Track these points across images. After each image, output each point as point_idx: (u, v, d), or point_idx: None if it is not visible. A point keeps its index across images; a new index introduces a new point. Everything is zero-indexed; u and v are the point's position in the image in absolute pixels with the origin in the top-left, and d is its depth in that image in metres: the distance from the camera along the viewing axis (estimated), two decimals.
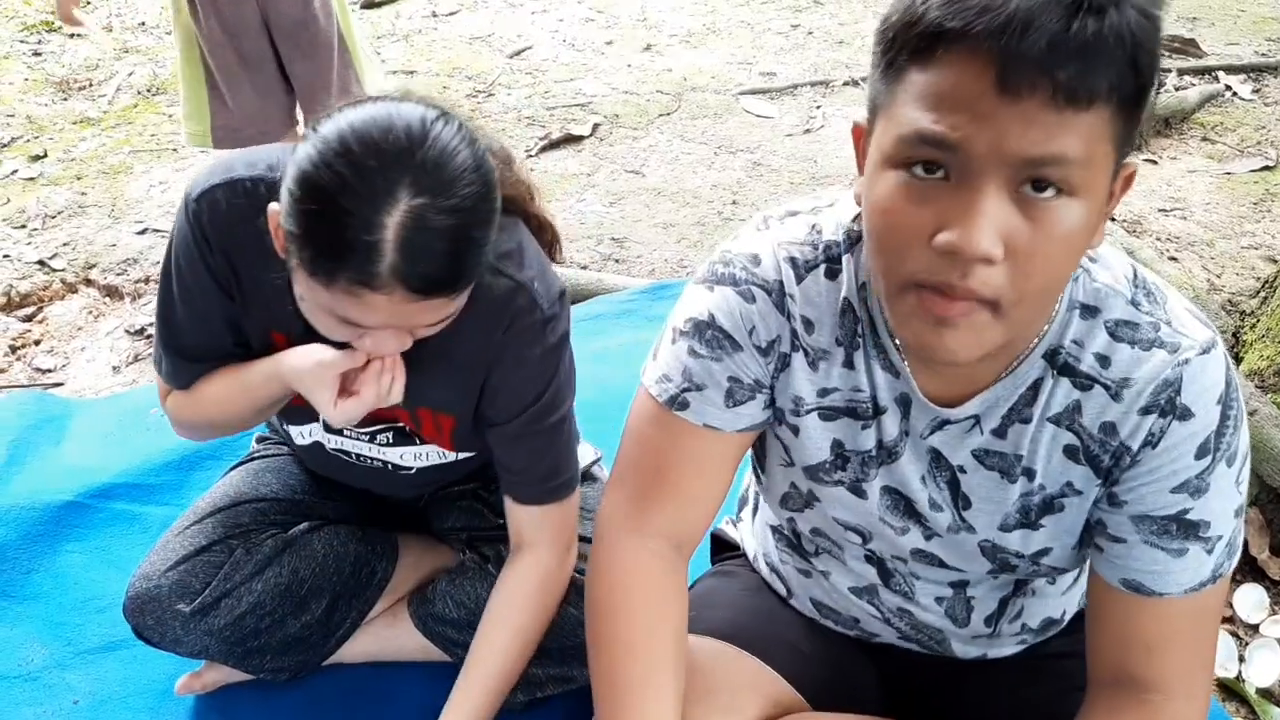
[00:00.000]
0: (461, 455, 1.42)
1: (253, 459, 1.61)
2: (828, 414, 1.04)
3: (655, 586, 1.06)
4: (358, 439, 1.40)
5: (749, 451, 1.14)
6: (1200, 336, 0.92)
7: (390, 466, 1.43)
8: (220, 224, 1.20)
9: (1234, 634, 1.73)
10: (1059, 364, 0.95)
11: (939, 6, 0.75)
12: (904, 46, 0.79)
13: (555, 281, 1.26)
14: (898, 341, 0.97)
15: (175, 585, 1.38)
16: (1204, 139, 3.39)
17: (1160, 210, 2.99)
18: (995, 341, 0.83)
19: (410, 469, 1.43)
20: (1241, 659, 1.68)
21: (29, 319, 2.54)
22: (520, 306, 1.22)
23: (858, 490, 1.06)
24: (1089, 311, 0.94)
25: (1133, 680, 0.97)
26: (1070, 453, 0.97)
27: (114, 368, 2.35)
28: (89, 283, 2.67)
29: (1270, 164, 3.22)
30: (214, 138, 2.44)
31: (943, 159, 0.78)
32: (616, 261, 2.78)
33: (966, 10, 0.74)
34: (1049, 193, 0.77)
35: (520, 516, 1.35)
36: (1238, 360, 2.09)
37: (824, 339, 1.01)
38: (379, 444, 1.40)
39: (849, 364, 1.01)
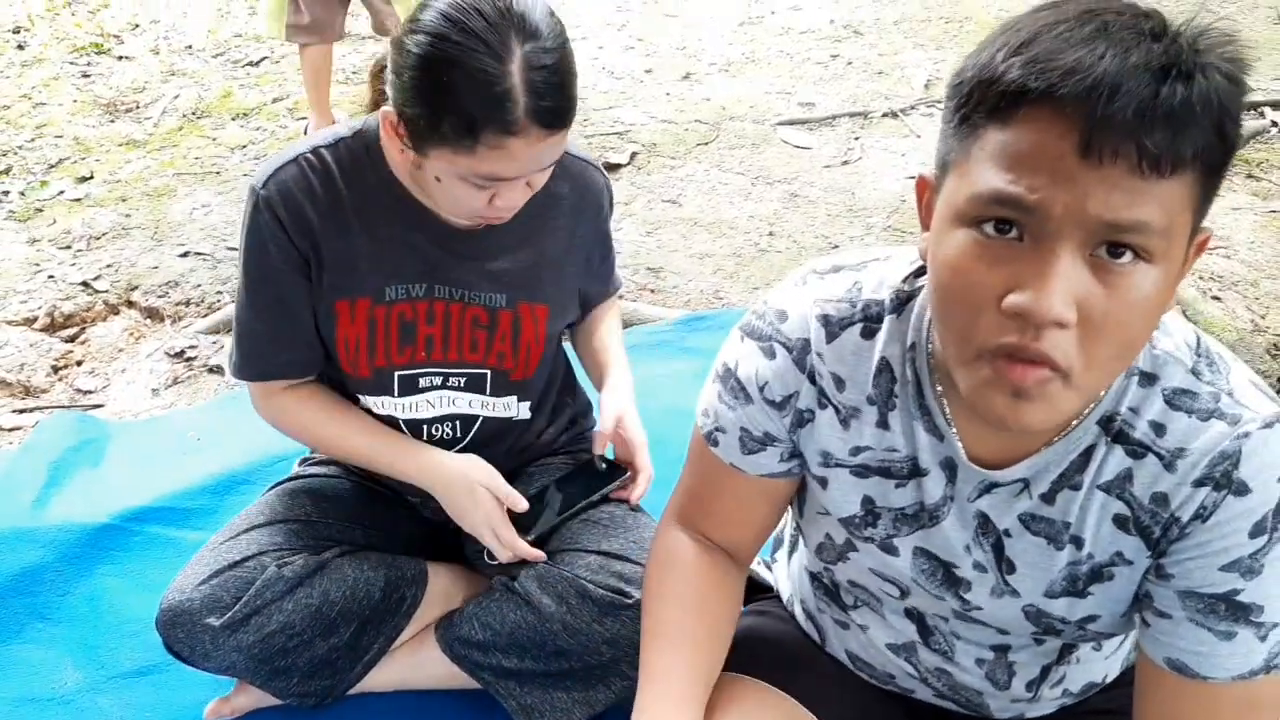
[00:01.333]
0: (522, 414, 1.55)
1: (293, 480, 1.62)
2: (859, 471, 1.03)
3: (700, 573, 1.14)
4: (433, 374, 1.48)
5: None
6: (1264, 410, 0.89)
7: (457, 427, 1.52)
8: (293, 200, 1.33)
9: None
10: (1113, 431, 0.92)
11: (1021, 66, 0.74)
12: (981, 103, 0.77)
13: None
14: (944, 403, 0.96)
15: (206, 599, 1.40)
16: (1249, 176, 3.34)
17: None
18: (1070, 411, 0.82)
19: (476, 418, 1.52)
20: None
21: (71, 339, 2.58)
22: (601, 188, 1.47)
23: (889, 548, 1.05)
24: (1147, 379, 0.91)
25: None
26: (1120, 522, 0.94)
27: (153, 390, 2.37)
28: (130, 304, 2.70)
29: None
30: (286, 34, 3.26)
31: (1018, 218, 0.76)
32: (652, 291, 2.78)
33: (1051, 71, 0.73)
34: (1125, 258, 0.75)
35: None
36: None
37: (855, 397, 1.00)
38: (452, 387, 1.49)
39: (883, 424, 1.00)
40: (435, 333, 1.43)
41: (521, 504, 1.45)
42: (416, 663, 1.56)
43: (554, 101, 1.17)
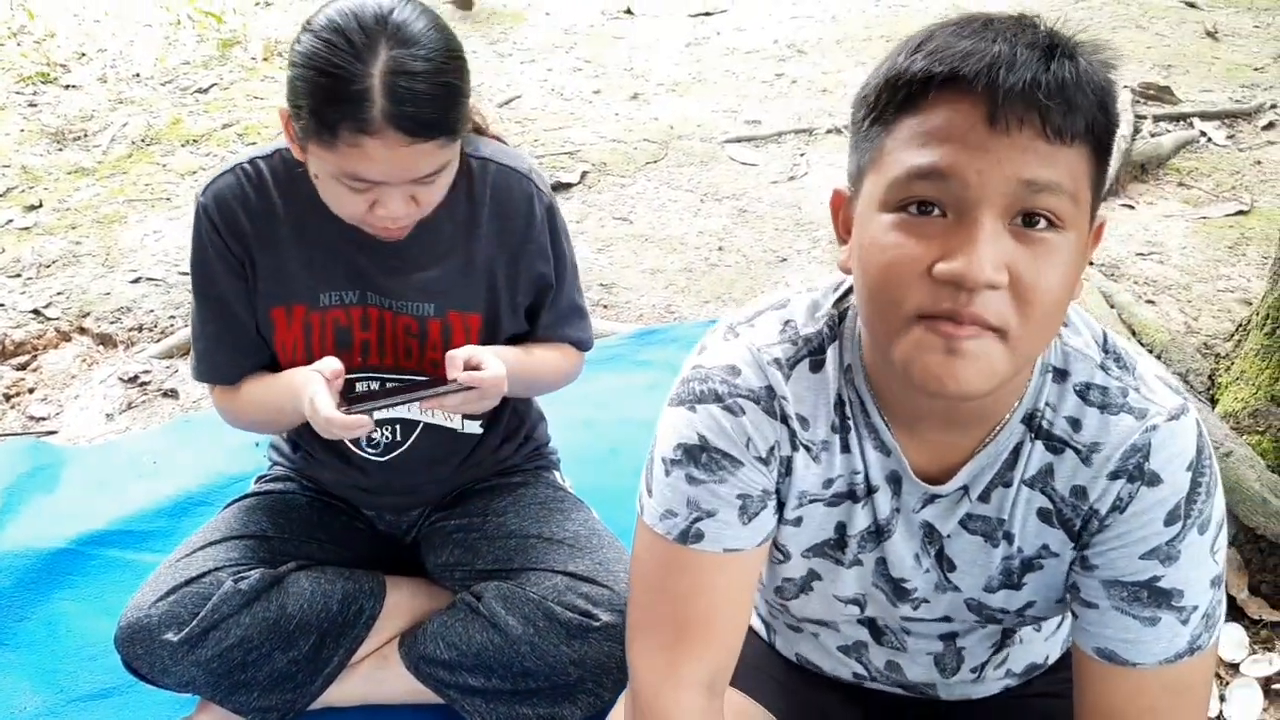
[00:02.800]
0: (469, 428, 1.54)
1: (249, 497, 1.64)
2: (832, 501, 1.03)
3: None
4: (370, 379, 1.48)
5: None
6: (1169, 404, 0.93)
7: (397, 431, 1.52)
8: (228, 209, 1.38)
9: (1215, 674, 1.75)
10: (1035, 427, 0.96)
11: (924, 58, 0.81)
12: (890, 101, 0.83)
13: (544, 173, 1.50)
14: (886, 420, 0.98)
15: (165, 615, 1.41)
16: (1180, 184, 3.46)
17: (1138, 254, 3.05)
18: (1005, 373, 0.83)
19: (416, 424, 1.52)
20: (1222, 698, 1.70)
21: (23, 367, 2.57)
22: (530, 196, 1.44)
23: (855, 563, 1.06)
24: (1059, 375, 0.95)
25: None
26: (1044, 516, 0.98)
27: (107, 415, 2.37)
28: (83, 331, 2.70)
29: (1244, 208, 3.29)
30: None
31: (938, 196, 0.81)
32: (605, 307, 2.82)
33: (951, 56, 0.79)
34: (1041, 225, 0.80)
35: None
36: (1213, 402, 2.13)
37: (821, 432, 1.00)
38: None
39: (845, 448, 1.00)
40: (370, 339, 1.46)
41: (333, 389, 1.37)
42: (382, 678, 1.57)
43: (416, 108, 1.18)
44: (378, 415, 1.37)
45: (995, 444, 0.96)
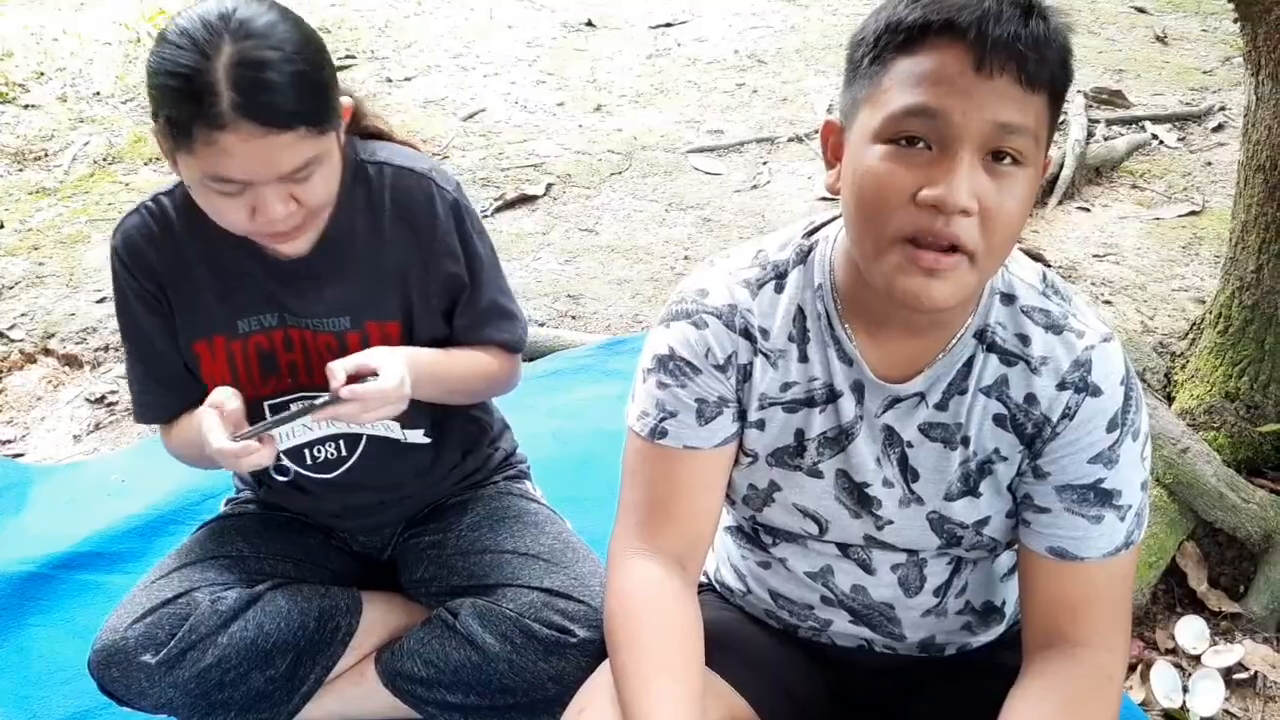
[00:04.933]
0: (412, 438, 1.52)
1: (223, 517, 1.63)
2: (790, 406, 1.17)
3: (662, 594, 1.17)
4: (303, 399, 1.42)
5: None
6: (1101, 329, 1.10)
7: (341, 446, 1.51)
8: (136, 248, 1.38)
9: (1177, 665, 1.79)
10: (987, 342, 1.11)
11: (923, 6, 0.95)
12: (890, 43, 0.97)
13: (449, 172, 1.47)
14: (849, 330, 1.13)
15: (141, 637, 1.40)
16: (1133, 186, 3.53)
17: (1094, 256, 3.12)
18: (970, 289, 1.00)
19: (359, 437, 1.51)
20: (1185, 689, 1.75)
21: None
22: (430, 195, 1.40)
23: (814, 473, 1.18)
24: (1007, 299, 1.11)
25: (1062, 638, 1.10)
26: (999, 421, 1.12)
27: (75, 436, 2.36)
28: (48, 352, 2.68)
29: (1197, 209, 3.36)
30: None
31: (925, 132, 0.95)
32: (573, 318, 2.84)
33: (948, 7, 0.94)
34: (1007, 161, 0.95)
35: None
36: (1170, 400, 2.18)
37: (779, 341, 1.16)
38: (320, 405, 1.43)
39: (804, 357, 1.15)
40: (296, 359, 1.45)
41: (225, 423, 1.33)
42: (359, 695, 1.57)
43: (267, 96, 1.17)
44: (288, 442, 1.30)
45: (950, 355, 1.11)
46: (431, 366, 1.41)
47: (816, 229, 1.19)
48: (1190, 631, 1.84)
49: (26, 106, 4.17)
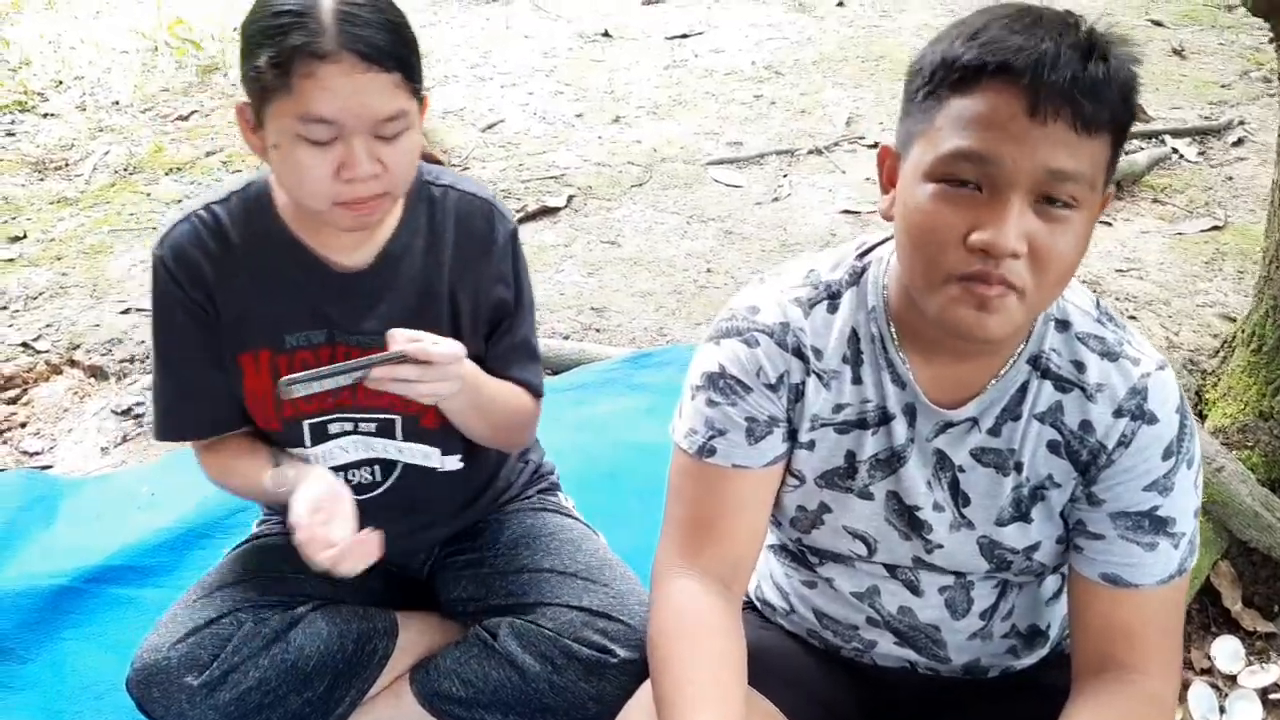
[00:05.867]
0: (449, 465, 1.52)
1: (260, 536, 1.63)
2: (841, 428, 1.17)
3: (706, 614, 1.17)
4: (343, 420, 1.46)
5: None
6: (1156, 357, 1.11)
7: (376, 471, 1.51)
8: (187, 258, 1.35)
9: (1213, 685, 1.79)
10: (1041, 368, 1.11)
11: (979, 47, 0.93)
12: (944, 80, 0.96)
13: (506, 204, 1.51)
14: (904, 355, 1.13)
15: (184, 658, 1.40)
16: (1155, 201, 3.53)
17: (1117, 270, 3.11)
18: (1020, 323, 1.00)
19: (395, 463, 1.50)
20: (1222, 709, 1.74)
21: (14, 401, 2.55)
22: (492, 220, 1.43)
23: (865, 494, 1.18)
24: (1062, 325, 1.11)
25: (1114, 663, 1.10)
26: (1053, 447, 1.12)
27: (102, 449, 2.36)
28: (73, 364, 2.68)
29: (1219, 224, 3.36)
30: None
31: (976, 176, 0.95)
32: (597, 331, 2.84)
33: (1004, 49, 0.92)
34: (1059, 205, 0.95)
35: None
36: (1201, 418, 2.17)
37: (833, 362, 1.16)
38: (364, 432, 1.47)
39: (857, 379, 1.15)
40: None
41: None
42: (395, 715, 1.56)
43: (370, 32, 1.20)
44: (318, 388, 1.26)
45: (1004, 381, 1.11)
46: (475, 376, 1.40)
47: (869, 249, 1.18)
48: (1226, 651, 1.84)
49: (46, 115, 4.18)
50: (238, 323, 1.39)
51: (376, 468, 1.51)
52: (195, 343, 1.40)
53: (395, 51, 1.23)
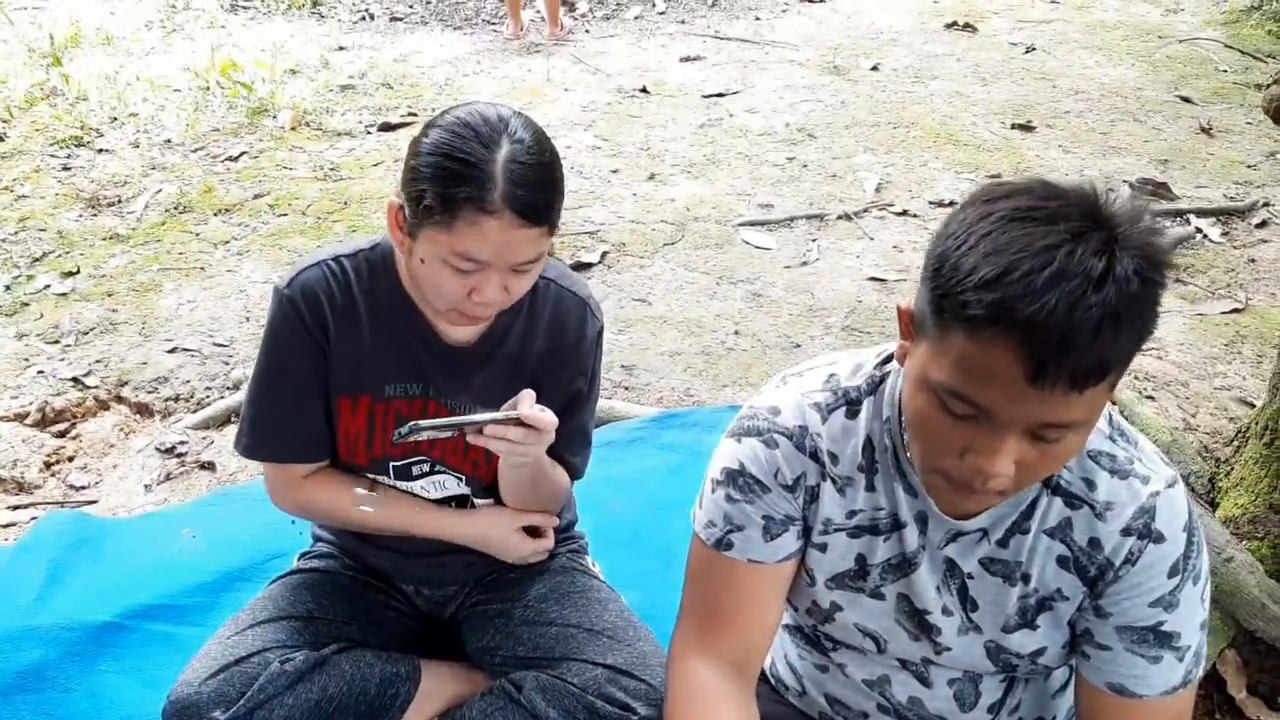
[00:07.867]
0: (479, 504, 1.66)
1: (294, 573, 1.72)
2: (854, 533, 1.21)
3: (721, 698, 1.23)
4: (424, 462, 1.62)
5: None
6: (1166, 474, 1.13)
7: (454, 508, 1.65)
8: (313, 299, 1.50)
9: None
10: (1052, 485, 1.14)
11: (990, 305, 0.91)
12: (955, 314, 0.94)
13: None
14: (916, 466, 1.15)
15: (214, 694, 1.48)
16: (1176, 280, 3.57)
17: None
18: (1011, 499, 1.08)
19: (469, 499, 1.66)
20: None
21: (62, 435, 2.65)
22: (584, 319, 1.58)
23: (877, 594, 1.23)
24: None
25: None
26: (1062, 562, 1.15)
27: (146, 486, 2.45)
28: (120, 400, 2.78)
29: (1240, 306, 3.40)
30: None
31: (971, 412, 0.98)
32: (626, 389, 2.92)
33: (1016, 314, 0.89)
34: (1055, 436, 0.98)
35: None
36: (1214, 506, 2.22)
37: (848, 468, 1.20)
38: (441, 471, 1.63)
39: (870, 487, 1.19)
40: None
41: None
42: None
43: (530, 194, 1.31)
44: (428, 435, 1.41)
45: (1016, 497, 1.14)
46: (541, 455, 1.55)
47: (889, 358, 1.23)
48: None
49: (101, 150, 4.33)
50: (346, 367, 1.53)
51: (453, 504, 1.66)
52: (304, 376, 1.54)
53: (548, 209, 1.35)
